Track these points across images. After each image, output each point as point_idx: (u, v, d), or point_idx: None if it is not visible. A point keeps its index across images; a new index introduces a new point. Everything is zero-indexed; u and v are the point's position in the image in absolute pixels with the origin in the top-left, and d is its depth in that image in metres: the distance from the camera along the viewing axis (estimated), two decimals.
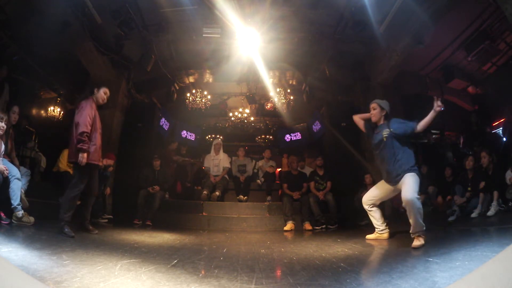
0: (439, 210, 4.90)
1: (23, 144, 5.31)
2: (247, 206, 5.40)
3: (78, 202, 3.27)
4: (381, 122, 3.20)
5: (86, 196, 3.37)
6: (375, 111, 3.21)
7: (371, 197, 3.36)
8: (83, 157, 3.04)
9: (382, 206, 3.51)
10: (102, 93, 3.38)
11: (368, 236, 3.44)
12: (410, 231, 2.76)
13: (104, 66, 5.59)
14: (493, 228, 3.28)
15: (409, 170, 2.90)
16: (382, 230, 3.37)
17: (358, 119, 3.43)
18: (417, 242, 2.66)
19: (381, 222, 3.37)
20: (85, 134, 3.06)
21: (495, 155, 4.60)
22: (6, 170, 3.15)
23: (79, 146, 3.04)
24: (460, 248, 2.20)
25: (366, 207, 3.39)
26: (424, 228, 2.71)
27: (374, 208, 3.37)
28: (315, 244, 3.24)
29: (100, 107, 3.43)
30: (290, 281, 1.72)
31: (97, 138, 3.27)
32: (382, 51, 5.41)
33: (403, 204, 2.80)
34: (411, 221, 2.75)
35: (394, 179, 3.02)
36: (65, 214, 2.98)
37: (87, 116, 3.13)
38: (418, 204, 2.72)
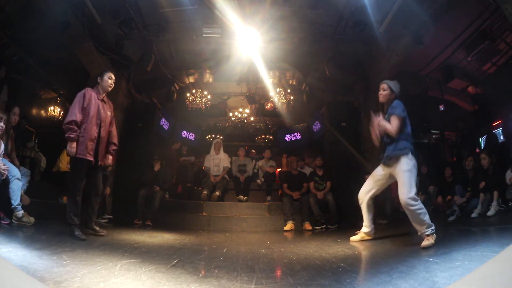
0: (439, 210, 4.90)
1: (23, 144, 5.31)
2: (247, 206, 5.40)
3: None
4: (389, 104, 2.99)
5: (90, 196, 3.23)
6: (385, 92, 2.99)
7: (367, 189, 3.14)
8: (70, 147, 2.90)
9: (382, 206, 3.42)
10: (107, 79, 3.23)
11: (353, 238, 3.25)
12: (418, 233, 2.62)
13: (104, 66, 5.58)
14: (493, 228, 3.28)
15: (400, 151, 2.75)
16: (369, 232, 3.20)
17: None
18: (426, 241, 2.51)
19: (371, 223, 3.20)
20: (73, 122, 2.91)
21: (494, 155, 4.60)
22: (7, 168, 3.15)
23: (66, 135, 2.89)
24: (460, 248, 2.20)
25: (362, 201, 3.18)
26: (433, 227, 2.56)
27: (371, 204, 3.14)
28: (315, 244, 3.23)
29: (109, 96, 3.34)
30: (290, 281, 1.72)
31: (90, 130, 3.01)
32: (382, 51, 5.40)
33: (402, 207, 2.69)
34: (413, 224, 2.63)
35: (386, 161, 2.90)
36: (72, 218, 2.91)
37: (76, 104, 2.97)
38: (416, 205, 2.58)
